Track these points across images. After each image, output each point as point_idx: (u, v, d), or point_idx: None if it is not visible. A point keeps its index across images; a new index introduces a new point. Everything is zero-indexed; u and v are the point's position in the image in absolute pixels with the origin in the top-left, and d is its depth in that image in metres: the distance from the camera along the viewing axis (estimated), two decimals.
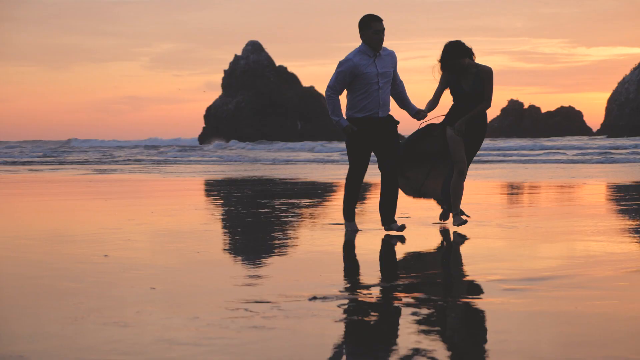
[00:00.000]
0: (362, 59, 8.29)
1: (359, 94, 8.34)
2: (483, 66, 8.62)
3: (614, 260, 6.53)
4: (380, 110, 8.39)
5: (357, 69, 8.26)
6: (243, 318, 4.58)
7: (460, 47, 8.58)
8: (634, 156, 32.20)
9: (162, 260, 6.92)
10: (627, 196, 13.86)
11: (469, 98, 8.60)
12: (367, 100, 8.32)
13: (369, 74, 8.28)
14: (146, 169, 29.63)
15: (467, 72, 8.59)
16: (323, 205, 12.66)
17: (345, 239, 8.08)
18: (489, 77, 8.61)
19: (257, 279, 5.85)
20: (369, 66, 8.29)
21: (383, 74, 8.34)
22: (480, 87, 8.59)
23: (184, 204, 12.73)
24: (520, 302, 5.03)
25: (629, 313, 4.69)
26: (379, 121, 8.39)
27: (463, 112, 8.61)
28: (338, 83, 8.36)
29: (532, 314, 4.72)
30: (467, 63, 8.57)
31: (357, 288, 5.43)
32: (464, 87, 8.61)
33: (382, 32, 8.29)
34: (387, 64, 8.39)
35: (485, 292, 5.40)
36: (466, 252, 7.20)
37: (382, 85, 8.35)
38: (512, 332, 4.34)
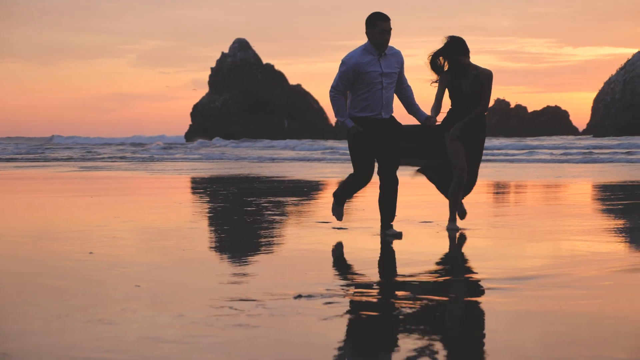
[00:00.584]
0: (366, 57, 8.03)
1: (361, 93, 8.08)
2: (483, 69, 8.47)
3: (599, 260, 6.54)
4: (384, 111, 8.13)
5: (360, 68, 8.01)
6: (228, 316, 4.57)
7: (462, 44, 8.37)
8: (619, 156, 32.29)
9: (147, 257, 6.90)
10: (612, 196, 13.91)
11: (467, 100, 8.45)
12: (369, 101, 8.07)
13: (372, 73, 8.02)
14: (126, 167, 29.56)
15: (467, 73, 8.43)
16: (309, 203, 12.65)
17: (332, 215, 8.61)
18: (489, 80, 8.46)
19: (242, 277, 5.84)
20: (373, 65, 8.02)
21: (387, 74, 8.08)
22: (479, 89, 8.43)
23: (169, 202, 12.70)
24: (506, 302, 5.04)
25: (614, 312, 4.71)
26: (381, 122, 8.14)
27: (461, 115, 8.47)
28: (341, 82, 8.10)
29: (518, 313, 4.73)
30: (467, 63, 8.41)
31: (343, 286, 5.42)
32: (463, 88, 8.44)
33: (388, 32, 8.00)
34: (392, 64, 8.12)
35: (471, 291, 5.40)
36: (452, 251, 7.20)
37: (386, 86, 8.08)
38: (498, 331, 4.35)
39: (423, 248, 7.32)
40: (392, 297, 5.11)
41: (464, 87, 8.44)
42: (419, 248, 7.31)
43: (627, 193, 14.34)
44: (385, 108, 8.12)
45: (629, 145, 41.91)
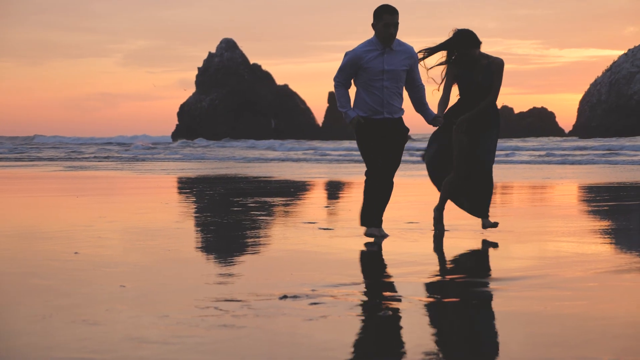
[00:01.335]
0: (369, 51, 7.65)
1: (361, 89, 7.75)
2: (495, 58, 8.11)
3: (584, 261, 6.56)
4: (386, 111, 7.71)
5: (360, 61, 7.65)
6: (213, 317, 4.56)
7: (472, 37, 8.02)
8: (606, 158, 32.39)
9: (132, 257, 6.88)
10: (597, 197, 13.95)
11: (481, 91, 8.10)
12: (369, 98, 7.69)
13: (372, 68, 7.64)
14: (109, 166, 29.48)
15: (478, 64, 8.09)
16: (295, 204, 12.65)
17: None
18: (500, 69, 8.09)
19: (227, 278, 5.83)
20: (374, 61, 7.63)
21: (390, 71, 7.66)
22: (490, 78, 8.10)
23: (155, 202, 12.67)
24: (491, 303, 5.05)
25: (599, 313, 4.72)
26: (384, 122, 7.74)
27: (471, 108, 8.15)
28: (341, 73, 7.77)
29: (503, 314, 4.73)
30: (478, 54, 8.07)
31: (328, 287, 5.42)
32: (475, 80, 8.08)
33: (392, 25, 7.57)
34: (399, 62, 7.69)
35: (456, 292, 5.41)
36: (438, 252, 7.21)
37: (388, 84, 7.67)
38: (483, 332, 4.35)
39: (409, 249, 7.32)
40: (377, 298, 5.11)
41: (476, 78, 8.09)
42: (405, 249, 7.31)
43: (612, 194, 14.39)
44: (387, 107, 7.72)
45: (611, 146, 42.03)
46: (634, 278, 5.83)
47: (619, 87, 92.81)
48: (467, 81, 8.09)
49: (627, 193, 14.56)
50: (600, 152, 37.16)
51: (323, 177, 20.91)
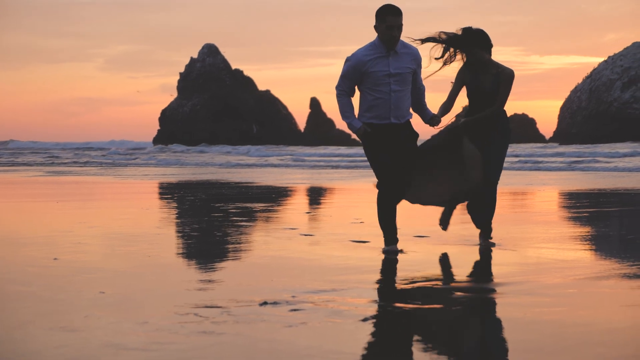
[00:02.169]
0: (373, 55, 7.22)
1: (367, 94, 7.30)
2: (505, 68, 7.77)
3: (564, 268, 6.59)
4: (393, 116, 7.29)
5: (363, 66, 7.21)
6: (193, 323, 4.55)
7: (482, 35, 7.65)
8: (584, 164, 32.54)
9: (112, 263, 6.85)
10: (577, 204, 14.01)
11: (487, 100, 7.75)
12: (375, 104, 7.27)
13: (378, 73, 7.21)
14: (86, 172, 29.37)
15: (487, 71, 7.73)
16: (276, 210, 12.64)
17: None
18: (509, 80, 7.74)
19: (208, 284, 5.82)
20: (379, 64, 7.21)
21: (397, 75, 7.24)
22: (497, 89, 7.74)
23: (136, 207, 12.63)
24: (470, 309, 5.06)
25: (578, 320, 4.74)
26: (392, 128, 7.32)
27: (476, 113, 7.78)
28: (344, 81, 7.33)
29: (483, 321, 4.74)
30: (488, 60, 7.72)
31: (308, 293, 5.42)
32: (482, 88, 7.73)
33: (396, 28, 7.15)
34: (405, 64, 7.28)
35: (436, 298, 5.41)
36: (418, 258, 7.22)
37: (395, 88, 7.25)
38: (462, 338, 4.36)
39: (387, 256, 7.31)
40: (357, 304, 5.11)
41: (482, 86, 7.74)
42: (384, 256, 7.30)
43: (592, 201, 14.45)
44: (394, 112, 7.29)
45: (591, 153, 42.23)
46: (613, 285, 5.85)
47: (599, 94, 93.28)
48: (474, 88, 7.76)
49: (607, 199, 14.63)
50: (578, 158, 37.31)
51: (304, 183, 20.91)
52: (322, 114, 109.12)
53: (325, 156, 46.17)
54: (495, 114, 7.78)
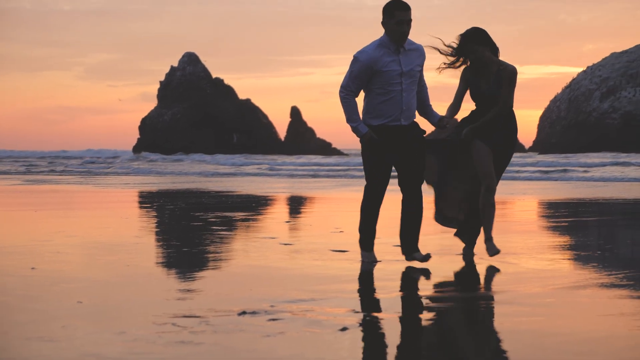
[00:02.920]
0: (383, 53, 6.94)
1: (376, 95, 7.01)
2: (506, 65, 7.45)
3: (542, 277, 6.61)
4: (403, 117, 7.05)
5: (375, 65, 6.91)
6: (171, 333, 4.53)
7: (482, 34, 7.41)
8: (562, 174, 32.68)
9: (91, 273, 6.82)
10: (556, 213, 14.07)
11: (488, 100, 7.46)
12: (386, 105, 7.00)
13: (391, 72, 6.93)
14: (59, 180, 29.25)
15: (488, 69, 7.44)
16: (256, 219, 12.62)
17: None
18: (510, 77, 7.40)
19: (186, 293, 5.80)
20: (391, 63, 6.94)
21: (408, 73, 6.99)
22: (499, 88, 7.43)
23: (115, 216, 12.58)
24: (448, 319, 5.07)
25: (556, 329, 4.75)
26: (400, 129, 7.07)
27: (481, 117, 7.51)
28: (353, 81, 6.99)
29: (461, 330, 4.75)
30: (488, 58, 7.42)
31: (287, 303, 5.41)
32: (481, 87, 7.45)
33: (406, 22, 6.89)
34: (413, 61, 7.03)
35: (415, 307, 5.42)
36: (397, 267, 7.22)
37: (406, 87, 6.99)
38: (439, 349, 4.36)
39: (369, 266, 7.31)
40: (336, 314, 5.10)
41: (483, 85, 7.45)
42: (363, 265, 7.30)
43: (571, 210, 14.52)
44: (405, 113, 7.05)
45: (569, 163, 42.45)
46: (591, 294, 5.88)
47: (577, 104, 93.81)
48: (474, 88, 7.49)
49: (585, 209, 14.70)
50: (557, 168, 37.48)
51: (284, 192, 20.90)
52: (302, 122, 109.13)
53: (305, 165, 46.16)
54: (500, 114, 7.46)
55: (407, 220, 7.27)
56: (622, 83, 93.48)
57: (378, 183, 7.20)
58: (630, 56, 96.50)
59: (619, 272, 6.86)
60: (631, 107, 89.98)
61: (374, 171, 7.19)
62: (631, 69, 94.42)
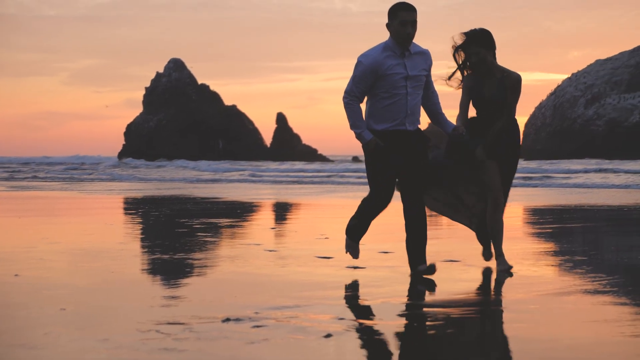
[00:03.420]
0: (388, 56, 6.75)
1: (381, 99, 6.81)
2: (511, 72, 7.23)
3: (527, 284, 6.62)
4: (408, 122, 6.84)
5: (379, 68, 6.73)
6: (154, 340, 4.52)
7: (488, 36, 7.16)
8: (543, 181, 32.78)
9: (75, 280, 6.79)
10: (541, 220, 14.11)
11: (490, 107, 7.22)
12: (390, 109, 6.80)
13: (395, 76, 6.75)
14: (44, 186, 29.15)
15: (490, 75, 7.22)
16: (241, 225, 12.60)
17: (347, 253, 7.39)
18: (515, 85, 7.18)
19: (171, 300, 5.78)
20: (396, 66, 6.75)
21: (413, 77, 6.80)
22: (503, 95, 7.19)
23: (99, 223, 12.54)
24: (432, 325, 5.07)
25: (540, 336, 4.76)
26: (405, 134, 6.87)
27: (483, 124, 7.26)
28: (357, 85, 6.80)
29: (445, 336, 4.75)
30: (491, 62, 7.21)
31: (271, 309, 5.40)
32: (485, 94, 7.21)
33: (410, 23, 6.71)
34: (419, 66, 6.84)
35: (399, 314, 5.42)
36: (380, 274, 7.22)
37: (411, 91, 6.80)
38: (424, 354, 4.36)
39: (352, 272, 7.31)
40: (321, 320, 5.10)
41: (486, 91, 7.21)
42: (348, 272, 7.30)
43: (555, 217, 14.56)
44: (410, 118, 6.85)
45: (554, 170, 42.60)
46: (575, 300, 5.89)
47: (563, 111, 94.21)
48: (476, 94, 7.25)
49: (570, 215, 14.75)
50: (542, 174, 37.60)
51: (270, 198, 20.87)
52: (288, 129, 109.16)
53: (291, 171, 46.16)
54: (507, 125, 7.23)
55: (412, 229, 6.97)
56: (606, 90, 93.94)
57: (383, 190, 6.92)
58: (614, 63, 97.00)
59: (602, 278, 6.88)
60: (615, 114, 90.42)
61: (379, 178, 6.92)
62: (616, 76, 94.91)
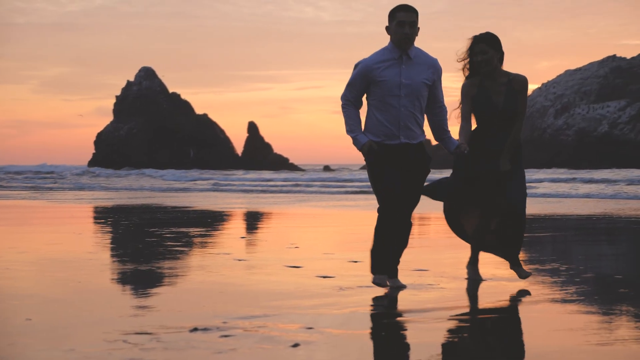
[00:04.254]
0: (384, 61, 6.46)
1: (374, 109, 6.51)
2: (516, 74, 6.89)
3: (494, 292, 6.65)
4: (403, 134, 6.48)
5: (371, 73, 6.43)
6: (121, 350, 4.49)
7: (496, 39, 6.82)
8: None
9: (41, 289, 6.73)
10: None
11: (501, 114, 6.84)
12: (383, 121, 6.48)
13: (387, 81, 6.42)
14: (11, 195, 28.93)
15: (495, 80, 6.86)
16: (212, 234, 12.57)
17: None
18: (525, 88, 6.87)
19: (138, 310, 5.75)
20: (390, 72, 6.43)
21: (408, 85, 6.42)
22: (515, 102, 6.84)
23: (68, 232, 12.45)
24: (400, 334, 5.07)
25: (507, 345, 4.78)
26: (400, 148, 6.51)
27: (488, 135, 6.91)
28: (349, 90, 6.55)
29: (411, 346, 4.76)
30: (495, 64, 6.85)
31: (240, 319, 5.38)
32: (497, 104, 6.82)
33: (408, 24, 6.40)
34: (420, 75, 6.47)
35: (366, 323, 5.42)
36: (349, 283, 7.22)
37: (407, 102, 6.42)
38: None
39: (321, 281, 7.31)
40: (289, 330, 5.09)
41: (496, 99, 6.84)
42: (318, 281, 7.30)
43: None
44: (405, 131, 6.48)
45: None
46: (542, 309, 5.92)
47: (533, 121, 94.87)
48: (485, 103, 6.86)
49: (539, 225, 14.83)
50: None
51: (241, 207, 20.83)
52: (259, 138, 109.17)
53: (262, 180, 46.11)
54: (520, 130, 6.91)
55: (395, 239, 6.71)
56: (575, 100, 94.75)
57: (386, 195, 6.52)
58: (584, 73, 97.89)
59: (570, 287, 6.93)
60: (585, 124, 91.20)
61: (377, 184, 6.57)
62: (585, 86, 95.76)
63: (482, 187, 7.02)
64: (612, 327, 5.26)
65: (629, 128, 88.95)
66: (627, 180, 37.38)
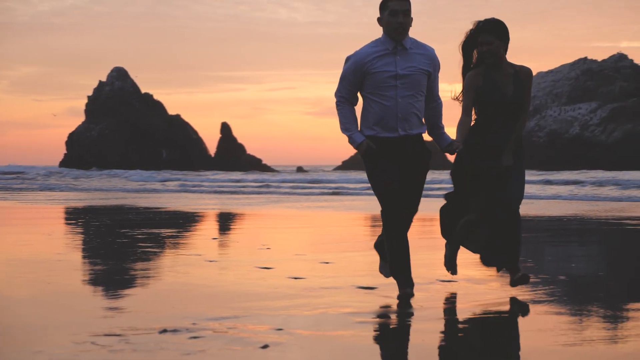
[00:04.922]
0: (377, 52, 6.12)
1: (369, 102, 6.18)
2: (521, 66, 6.54)
3: (465, 294, 6.66)
4: (401, 127, 6.15)
5: (365, 66, 6.10)
6: (90, 352, 4.46)
7: (503, 27, 6.41)
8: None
9: (9, 291, 6.67)
10: None
11: (509, 107, 6.49)
12: (379, 113, 6.15)
13: (382, 73, 6.10)
14: None
15: (501, 71, 6.49)
16: (183, 235, 12.53)
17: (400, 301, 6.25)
18: (530, 80, 6.56)
19: (108, 311, 5.71)
20: (384, 63, 6.11)
21: (404, 76, 6.10)
22: (522, 93, 6.49)
23: (38, 233, 12.36)
24: (371, 335, 5.07)
25: (477, 346, 4.79)
26: (397, 141, 6.20)
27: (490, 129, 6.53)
28: (342, 84, 6.21)
29: (389, 347, 4.76)
30: (501, 55, 6.46)
31: (210, 320, 5.36)
32: (504, 92, 6.44)
33: (402, 13, 6.07)
34: (416, 65, 6.15)
35: (342, 325, 5.41)
36: (320, 284, 7.22)
37: (403, 93, 6.10)
38: None
39: (292, 282, 7.30)
40: (258, 331, 5.07)
41: (505, 90, 6.46)
42: (289, 282, 7.29)
43: None
44: (402, 122, 6.14)
45: None
46: (512, 310, 5.95)
47: None
48: (492, 92, 6.46)
49: None
50: None
51: (213, 208, 20.77)
52: (232, 138, 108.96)
53: (234, 181, 45.99)
54: (525, 123, 6.60)
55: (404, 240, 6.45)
56: (547, 102, 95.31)
57: (384, 191, 6.20)
58: (555, 75, 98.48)
59: (540, 288, 6.96)
60: (556, 126, 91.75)
61: (379, 184, 6.23)
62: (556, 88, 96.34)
63: (483, 185, 6.68)
64: (581, 328, 5.29)
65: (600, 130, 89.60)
66: (597, 182, 37.63)
